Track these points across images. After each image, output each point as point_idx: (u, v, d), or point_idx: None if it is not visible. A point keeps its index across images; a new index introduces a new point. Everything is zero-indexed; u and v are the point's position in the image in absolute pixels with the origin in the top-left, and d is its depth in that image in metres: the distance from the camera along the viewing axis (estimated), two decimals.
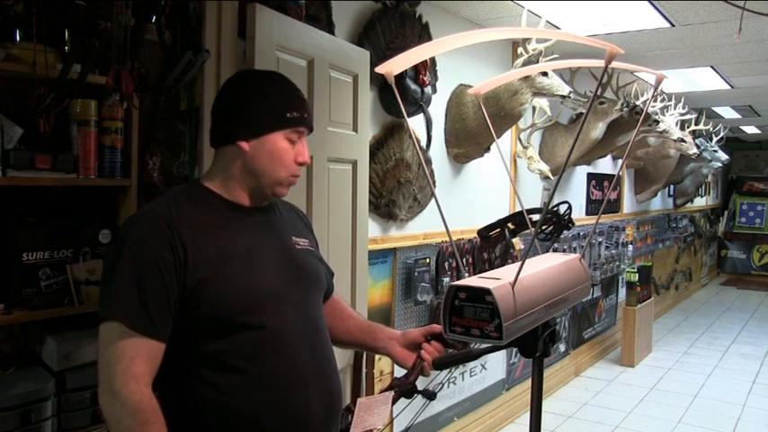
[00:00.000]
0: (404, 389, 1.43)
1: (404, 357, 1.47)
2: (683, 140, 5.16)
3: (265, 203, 1.38)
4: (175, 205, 1.26)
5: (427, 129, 3.08)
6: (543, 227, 2.53)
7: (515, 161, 4.05)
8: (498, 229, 2.58)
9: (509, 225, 2.57)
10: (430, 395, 1.47)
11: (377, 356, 2.70)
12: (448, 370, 1.53)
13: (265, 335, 1.25)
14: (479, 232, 2.61)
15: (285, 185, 1.34)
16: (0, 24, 1.65)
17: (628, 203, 6.34)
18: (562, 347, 4.91)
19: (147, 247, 1.18)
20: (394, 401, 1.42)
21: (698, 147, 5.84)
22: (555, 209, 2.74)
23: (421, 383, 1.45)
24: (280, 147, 1.30)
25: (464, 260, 3.34)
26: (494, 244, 2.57)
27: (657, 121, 4.71)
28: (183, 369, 1.22)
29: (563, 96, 3.21)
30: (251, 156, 1.29)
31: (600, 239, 5.35)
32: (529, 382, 2.21)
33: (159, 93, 1.85)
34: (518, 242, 3.92)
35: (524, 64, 3.15)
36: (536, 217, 2.61)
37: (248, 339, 1.24)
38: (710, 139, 6.93)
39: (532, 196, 4.35)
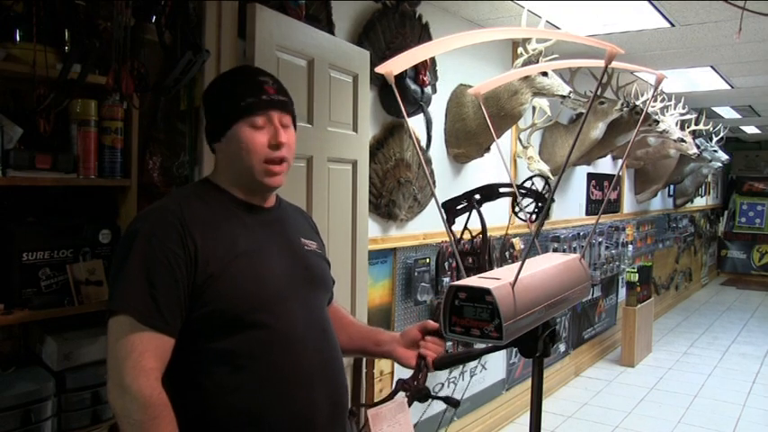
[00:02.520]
0: (417, 395, 1.41)
1: (406, 357, 1.48)
2: (682, 140, 5.16)
3: (258, 198, 1.36)
4: (185, 202, 1.26)
5: (427, 129, 3.08)
6: (522, 202, 2.46)
7: (515, 161, 4.05)
8: (465, 203, 2.50)
9: (476, 196, 2.48)
10: (454, 403, 1.45)
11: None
12: (449, 370, 1.53)
13: (273, 334, 1.25)
14: (444, 204, 2.54)
15: (267, 173, 1.30)
16: (0, 24, 1.65)
17: (628, 203, 6.34)
18: (562, 347, 4.91)
19: (158, 242, 1.18)
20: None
21: (698, 147, 5.85)
22: (531, 183, 2.67)
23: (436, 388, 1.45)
24: (244, 136, 1.28)
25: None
26: (459, 214, 2.50)
27: (657, 121, 4.71)
28: (189, 366, 1.22)
29: (563, 96, 3.21)
30: (227, 153, 1.32)
31: (600, 239, 5.34)
32: (529, 382, 2.21)
33: (159, 93, 1.85)
34: (518, 242, 3.92)
35: (524, 64, 3.15)
36: (507, 189, 2.55)
37: (255, 338, 1.24)
38: (710, 139, 6.93)
39: None
